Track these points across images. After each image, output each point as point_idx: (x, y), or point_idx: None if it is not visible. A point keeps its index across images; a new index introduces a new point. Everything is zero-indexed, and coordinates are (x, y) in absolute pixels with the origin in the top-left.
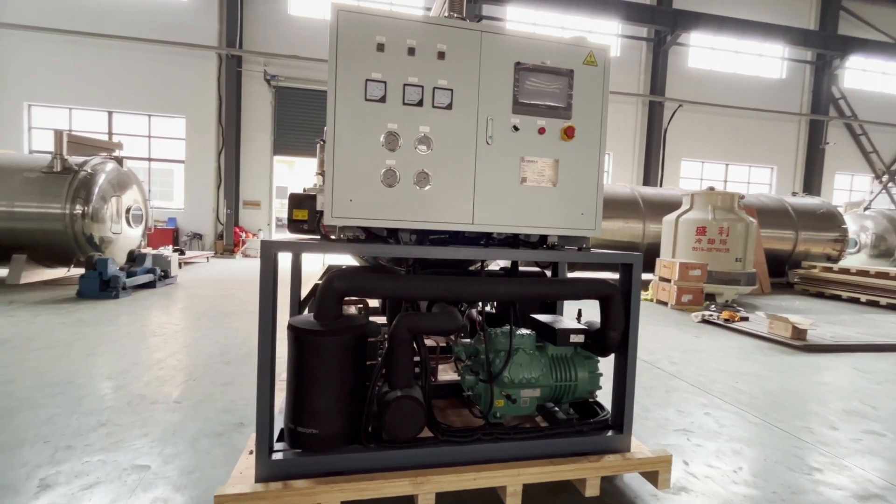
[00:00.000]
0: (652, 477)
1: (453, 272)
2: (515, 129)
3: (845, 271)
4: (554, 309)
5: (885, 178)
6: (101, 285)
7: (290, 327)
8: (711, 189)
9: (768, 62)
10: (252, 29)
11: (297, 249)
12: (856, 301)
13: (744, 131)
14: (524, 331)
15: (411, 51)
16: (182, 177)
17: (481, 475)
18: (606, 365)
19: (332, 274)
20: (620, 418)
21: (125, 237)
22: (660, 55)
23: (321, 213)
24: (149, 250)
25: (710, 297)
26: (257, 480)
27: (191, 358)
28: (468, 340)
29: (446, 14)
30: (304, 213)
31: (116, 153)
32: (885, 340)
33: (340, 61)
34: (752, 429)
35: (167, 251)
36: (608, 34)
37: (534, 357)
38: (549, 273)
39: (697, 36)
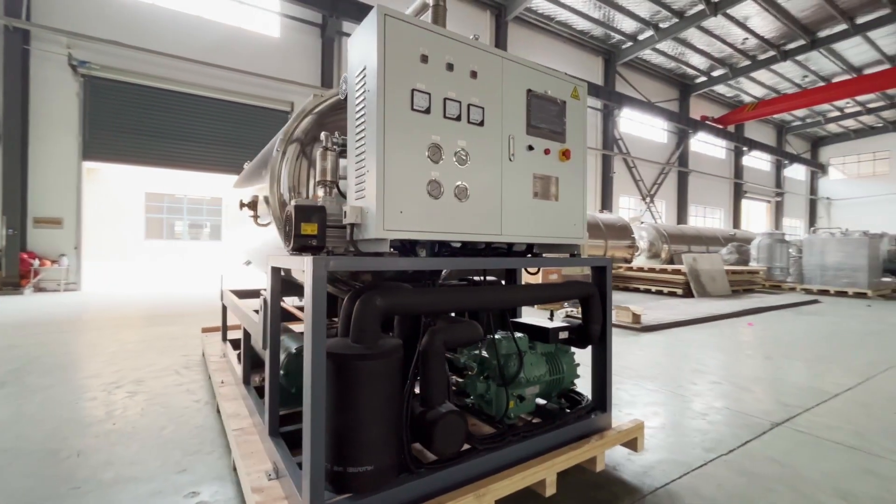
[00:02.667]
0: (632, 444)
1: (419, 283)
2: (530, 148)
3: (641, 269)
4: (514, 313)
5: (647, 200)
6: None
7: (329, 354)
8: None
9: None
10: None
11: (355, 266)
12: (649, 291)
13: None
14: (517, 334)
15: (450, 66)
16: None
17: (526, 474)
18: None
19: (371, 292)
20: (603, 399)
21: None
22: None
23: (352, 226)
24: None
25: None
26: None
27: (38, 431)
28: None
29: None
30: (314, 226)
31: None
32: (686, 317)
33: (389, 68)
34: (651, 395)
35: None
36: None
37: (537, 356)
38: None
39: None
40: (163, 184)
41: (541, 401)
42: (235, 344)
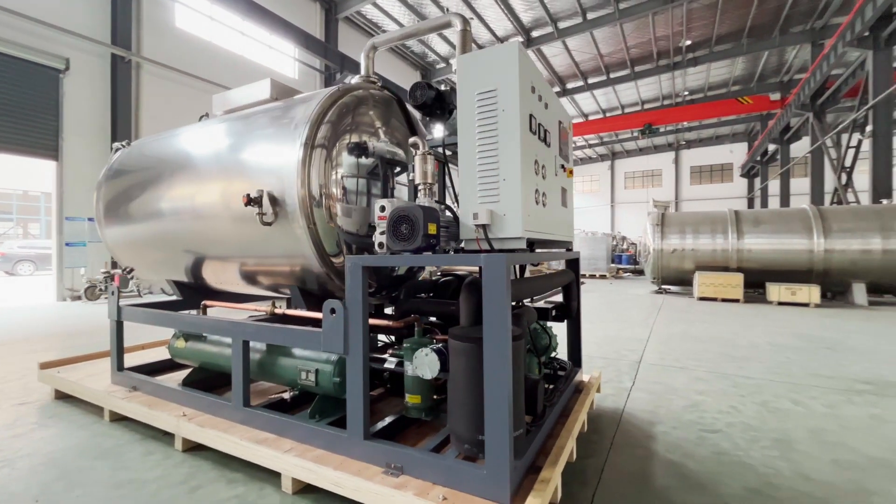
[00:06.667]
0: (597, 388)
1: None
2: (562, 167)
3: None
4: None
5: None
6: None
7: (475, 339)
8: None
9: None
10: None
11: (523, 260)
12: None
13: None
14: None
15: (539, 97)
16: None
17: (580, 417)
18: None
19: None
20: (579, 359)
21: None
22: None
23: (484, 226)
24: None
25: None
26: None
27: None
28: None
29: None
30: (435, 226)
31: None
32: None
33: (522, 94)
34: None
35: None
36: None
37: (550, 329)
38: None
39: None
40: None
41: None
42: (145, 370)
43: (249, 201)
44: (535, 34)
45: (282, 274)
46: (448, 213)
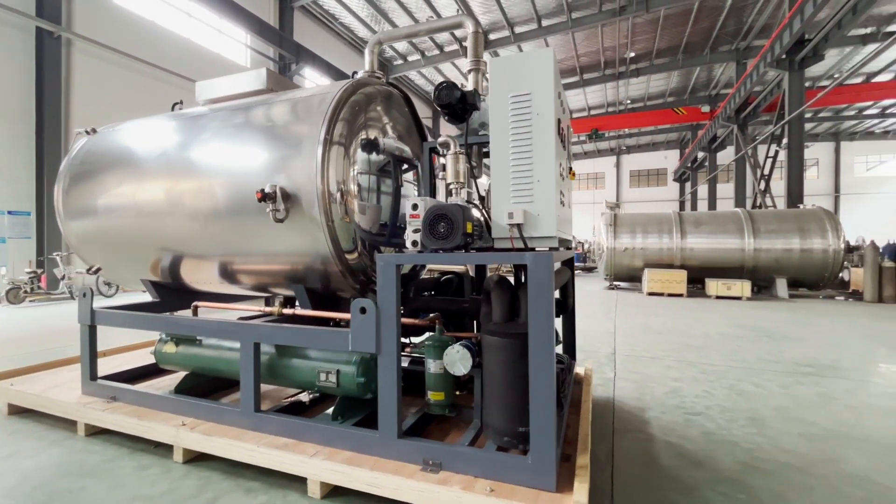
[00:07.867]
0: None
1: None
2: (570, 170)
3: None
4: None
5: None
6: None
7: (515, 335)
8: None
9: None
10: None
11: (560, 258)
12: None
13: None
14: None
15: (561, 102)
16: None
17: (588, 405)
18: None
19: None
20: (574, 351)
21: None
22: None
23: (519, 225)
24: None
25: None
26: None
27: None
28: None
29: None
30: (470, 225)
31: None
32: None
33: (555, 101)
34: None
35: None
36: None
37: None
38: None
39: None
40: None
41: None
42: (121, 378)
43: (263, 197)
44: (492, 37)
45: (284, 272)
46: (475, 213)
